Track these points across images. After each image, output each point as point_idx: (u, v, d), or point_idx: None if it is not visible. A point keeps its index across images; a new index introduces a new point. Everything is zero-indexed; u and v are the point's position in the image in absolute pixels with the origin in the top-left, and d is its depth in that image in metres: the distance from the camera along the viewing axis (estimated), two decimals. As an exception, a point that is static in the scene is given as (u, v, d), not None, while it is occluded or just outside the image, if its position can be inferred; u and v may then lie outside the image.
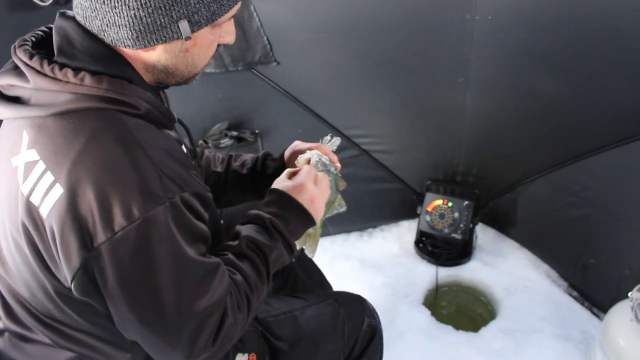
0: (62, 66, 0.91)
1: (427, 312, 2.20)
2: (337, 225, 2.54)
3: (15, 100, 0.95)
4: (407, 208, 2.58)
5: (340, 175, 1.33)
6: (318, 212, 1.19)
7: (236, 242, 1.08)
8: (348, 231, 2.63)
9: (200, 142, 2.23)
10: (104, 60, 0.93)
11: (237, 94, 2.22)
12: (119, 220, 0.84)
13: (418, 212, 2.48)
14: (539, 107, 1.98)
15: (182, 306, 0.91)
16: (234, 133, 2.23)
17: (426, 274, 2.39)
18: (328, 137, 1.32)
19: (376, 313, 1.50)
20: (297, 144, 1.38)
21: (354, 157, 2.39)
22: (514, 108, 2.05)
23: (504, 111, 2.08)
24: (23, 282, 0.99)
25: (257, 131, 2.30)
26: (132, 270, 0.87)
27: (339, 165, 1.32)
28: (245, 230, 1.11)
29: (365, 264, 2.44)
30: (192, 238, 0.94)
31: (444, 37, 1.86)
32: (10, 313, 1.06)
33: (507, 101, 2.03)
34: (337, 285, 1.91)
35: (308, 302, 1.39)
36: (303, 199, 1.16)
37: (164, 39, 0.93)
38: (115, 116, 0.91)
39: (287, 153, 1.41)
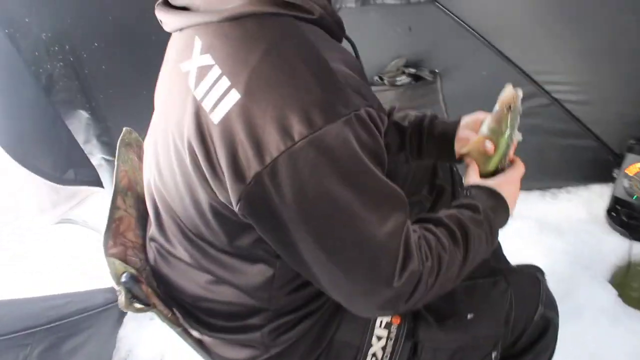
0: None
1: (613, 291, 1.93)
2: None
3: (183, 9, 0.91)
4: (600, 170, 2.25)
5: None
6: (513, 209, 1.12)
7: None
8: (528, 189, 2.37)
9: (375, 78, 2.13)
10: None
11: (417, 29, 2.07)
12: (299, 128, 0.76)
13: (614, 175, 2.16)
14: None
15: (363, 227, 0.83)
16: (412, 70, 2.09)
17: (617, 247, 2.09)
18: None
19: (555, 302, 1.27)
20: (481, 114, 1.24)
21: (543, 107, 2.11)
22: None
23: None
24: (177, 194, 0.97)
25: (436, 70, 2.14)
26: (311, 185, 0.79)
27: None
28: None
29: (545, 226, 2.20)
30: (376, 158, 0.85)
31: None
32: (160, 224, 1.06)
33: None
34: (509, 246, 1.72)
35: (471, 274, 1.23)
36: (509, 197, 1.11)
37: None
38: (293, 23, 0.85)
39: (467, 118, 1.26)
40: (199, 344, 1.16)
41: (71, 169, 1.65)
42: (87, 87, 1.77)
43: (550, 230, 2.18)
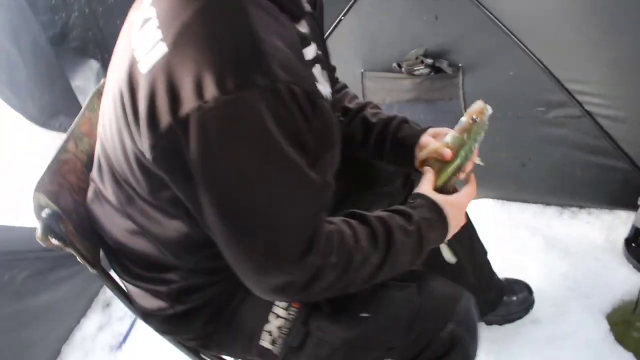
0: None
1: (606, 327, 1.76)
2: (534, 194, 2.20)
3: None
4: (629, 194, 2.01)
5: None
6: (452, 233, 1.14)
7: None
8: (546, 203, 2.21)
9: (394, 65, 2.06)
10: None
11: (444, 19, 1.95)
12: (212, 89, 0.78)
13: (639, 203, 1.93)
14: None
15: (263, 203, 0.85)
16: (429, 61, 1.99)
17: (627, 282, 1.89)
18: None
19: (474, 326, 1.16)
20: (447, 129, 1.24)
21: (572, 118, 1.93)
22: None
23: None
24: (111, 139, 1.01)
25: (460, 65, 2.01)
26: (216, 148, 0.82)
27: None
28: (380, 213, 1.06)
29: (552, 245, 2.04)
30: (293, 138, 0.85)
31: None
32: (100, 166, 1.11)
33: None
34: (509, 259, 1.69)
35: None
36: (452, 218, 1.11)
37: None
38: None
39: (434, 129, 1.26)
40: (118, 288, 1.23)
41: (62, 115, 1.75)
42: (100, 39, 1.86)
43: (556, 250, 2.02)
